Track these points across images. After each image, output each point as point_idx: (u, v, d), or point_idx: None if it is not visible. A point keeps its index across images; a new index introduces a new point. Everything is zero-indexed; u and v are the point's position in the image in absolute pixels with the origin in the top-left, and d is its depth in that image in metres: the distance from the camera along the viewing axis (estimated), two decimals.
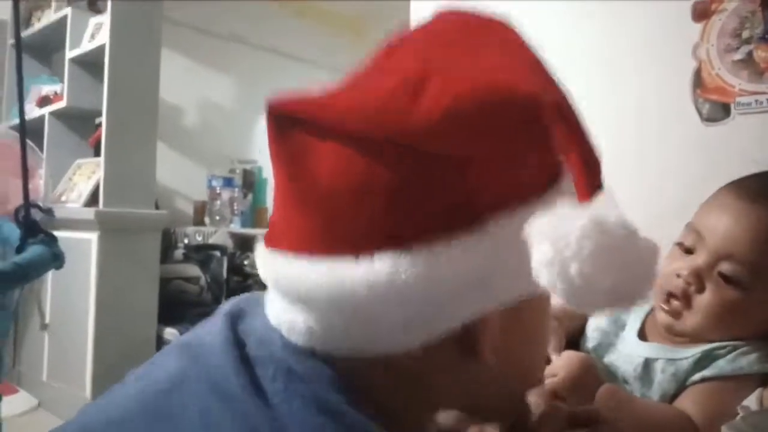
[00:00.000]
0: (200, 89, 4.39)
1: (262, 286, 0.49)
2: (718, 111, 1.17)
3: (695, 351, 0.77)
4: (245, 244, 3.69)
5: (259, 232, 3.98)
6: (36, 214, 1.91)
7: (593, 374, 0.75)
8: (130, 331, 2.75)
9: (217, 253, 3.43)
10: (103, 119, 2.74)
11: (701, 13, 1.19)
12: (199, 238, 3.60)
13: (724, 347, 0.76)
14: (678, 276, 0.79)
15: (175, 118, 4.20)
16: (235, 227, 3.92)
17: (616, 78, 1.31)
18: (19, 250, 1.82)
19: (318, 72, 5.24)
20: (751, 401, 0.70)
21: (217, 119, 4.52)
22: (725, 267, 0.76)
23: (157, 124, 2.92)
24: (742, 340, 0.77)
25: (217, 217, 3.92)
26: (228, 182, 4.08)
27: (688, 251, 0.80)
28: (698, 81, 1.20)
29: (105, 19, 2.83)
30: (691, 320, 0.78)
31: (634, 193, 1.27)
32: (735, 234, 0.75)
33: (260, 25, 4.67)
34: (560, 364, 0.75)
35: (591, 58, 1.35)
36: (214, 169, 4.23)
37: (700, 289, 0.77)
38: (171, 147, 3.96)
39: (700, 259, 0.78)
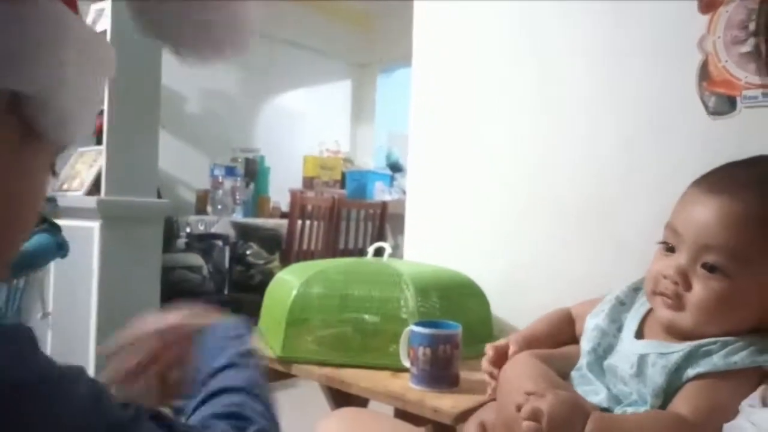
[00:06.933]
0: (203, 77, 4.37)
1: (265, 276, 0.47)
2: (725, 104, 1.16)
3: (685, 345, 0.78)
4: (247, 234, 3.69)
5: (261, 221, 3.98)
6: None
7: (580, 411, 0.73)
8: (133, 320, 2.75)
9: (220, 243, 3.43)
10: (105, 107, 2.73)
11: (708, 5, 1.18)
12: (201, 228, 3.60)
13: (715, 342, 0.76)
14: (665, 277, 0.81)
15: (178, 106, 4.19)
16: (237, 216, 3.92)
17: (623, 71, 1.30)
18: None
19: (322, 61, 5.23)
20: (754, 399, 0.69)
21: (220, 107, 4.51)
22: (707, 258, 0.78)
23: (159, 112, 2.91)
24: (738, 335, 0.77)
25: (219, 206, 3.92)
26: (230, 171, 4.08)
27: (671, 250, 0.83)
28: (705, 74, 1.18)
29: (106, 5, 2.82)
30: (687, 318, 0.79)
31: (640, 186, 1.26)
32: (709, 226, 0.78)
33: (263, 13, 4.64)
34: (544, 404, 0.72)
35: (597, 51, 1.34)
36: (216, 157, 4.23)
37: (688, 287, 0.79)
38: (173, 135, 3.95)
39: (681, 257, 0.80)
